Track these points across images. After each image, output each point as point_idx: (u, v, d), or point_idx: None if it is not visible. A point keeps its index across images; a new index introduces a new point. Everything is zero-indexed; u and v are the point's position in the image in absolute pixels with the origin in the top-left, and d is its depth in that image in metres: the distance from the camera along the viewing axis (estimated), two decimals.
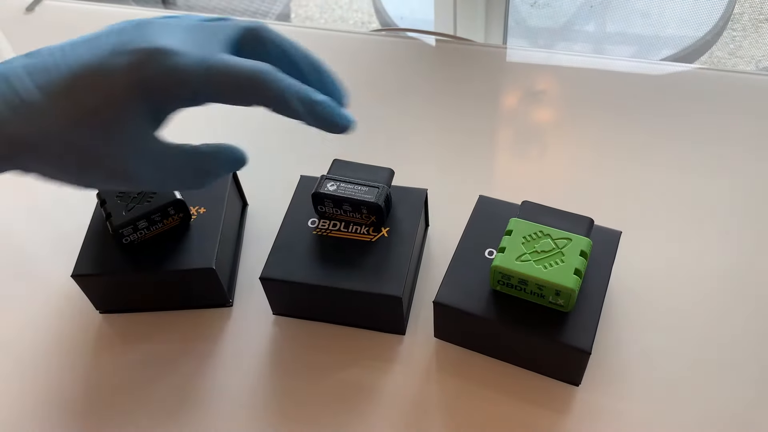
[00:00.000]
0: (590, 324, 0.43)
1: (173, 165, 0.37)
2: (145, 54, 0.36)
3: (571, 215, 0.46)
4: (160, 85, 0.35)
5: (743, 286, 0.50)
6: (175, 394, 0.48)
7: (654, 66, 0.70)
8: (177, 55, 0.36)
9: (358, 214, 0.48)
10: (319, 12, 2.28)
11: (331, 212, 0.49)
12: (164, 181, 0.37)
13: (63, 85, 0.35)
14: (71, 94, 0.35)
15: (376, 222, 0.49)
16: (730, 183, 0.57)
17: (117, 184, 0.36)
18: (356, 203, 0.48)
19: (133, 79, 0.35)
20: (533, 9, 1.35)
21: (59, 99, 0.35)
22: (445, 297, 0.45)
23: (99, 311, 0.53)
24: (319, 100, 0.38)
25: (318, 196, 0.48)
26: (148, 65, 0.35)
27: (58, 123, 0.34)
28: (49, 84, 0.35)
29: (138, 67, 0.35)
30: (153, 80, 0.35)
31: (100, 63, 0.35)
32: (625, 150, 0.61)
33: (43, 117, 0.34)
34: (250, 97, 0.36)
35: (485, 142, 0.64)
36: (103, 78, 0.35)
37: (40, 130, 0.34)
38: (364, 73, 0.72)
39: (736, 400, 0.44)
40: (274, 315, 0.51)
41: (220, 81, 0.36)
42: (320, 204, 0.49)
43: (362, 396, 0.47)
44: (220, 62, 0.36)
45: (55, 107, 0.34)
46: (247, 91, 0.36)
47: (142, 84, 0.35)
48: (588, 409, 0.45)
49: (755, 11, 2.09)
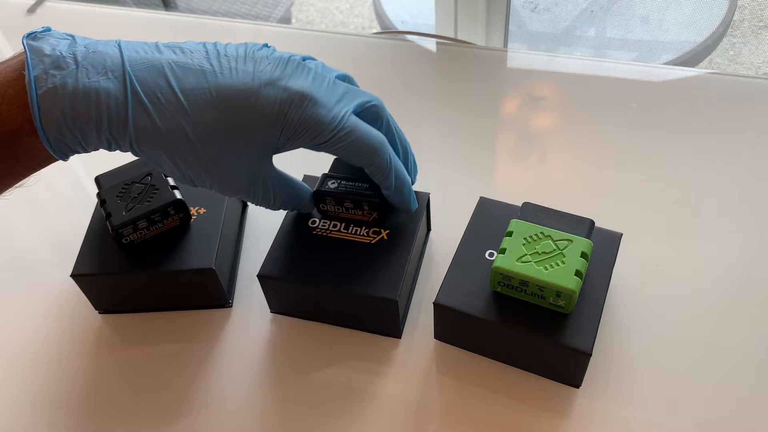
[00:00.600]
0: (591, 326, 0.43)
1: (278, 190, 0.44)
2: (297, 96, 0.40)
3: (571, 217, 0.46)
4: (298, 127, 0.40)
5: (745, 288, 0.50)
6: (174, 395, 0.47)
7: (656, 70, 0.70)
8: (321, 106, 0.41)
9: (359, 211, 0.48)
10: (320, 17, 2.28)
11: (333, 210, 0.49)
12: (264, 199, 0.44)
13: (209, 100, 0.38)
14: (217, 109, 0.38)
15: (378, 219, 0.49)
16: (732, 185, 0.57)
17: (224, 190, 0.41)
18: (358, 200, 0.47)
19: (279, 116, 0.40)
20: (534, 14, 1.35)
21: (202, 108, 0.38)
22: (445, 298, 0.45)
23: (98, 311, 0.53)
24: (407, 183, 0.46)
25: (320, 193, 0.48)
26: (295, 108, 0.40)
27: (193, 126, 0.38)
28: (194, 93, 0.38)
29: (287, 106, 0.40)
30: (294, 122, 0.40)
31: (253, 91, 0.39)
32: (626, 152, 0.61)
33: (180, 115, 0.37)
34: (363, 159, 0.43)
35: (486, 144, 0.64)
36: (253, 106, 0.39)
37: (172, 126, 0.37)
38: (365, 75, 0.72)
39: (738, 402, 0.44)
40: (272, 314, 0.51)
41: (347, 140, 0.41)
42: (322, 202, 0.49)
43: (360, 397, 0.46)
44: (353, 123, 0.42)
45: (194, 113, 0.38)
46: (365, 154, 0.42)
47: (284, 122, 0.40)
48: (588, 411, 0.44)
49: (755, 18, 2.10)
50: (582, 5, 1.36)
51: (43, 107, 0.35)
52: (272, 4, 1.61)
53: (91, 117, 0.36)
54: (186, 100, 0.38)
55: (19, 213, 0.61)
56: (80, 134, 0.36)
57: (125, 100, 0.36)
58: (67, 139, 0.36)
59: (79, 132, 0.36)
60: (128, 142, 0.37)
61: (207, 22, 0.84)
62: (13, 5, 0.85)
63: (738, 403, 0.44)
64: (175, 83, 0.38)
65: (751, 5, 2.13)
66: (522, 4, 1.36)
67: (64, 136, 0.36)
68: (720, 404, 0.44)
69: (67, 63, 0.36)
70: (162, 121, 0.37)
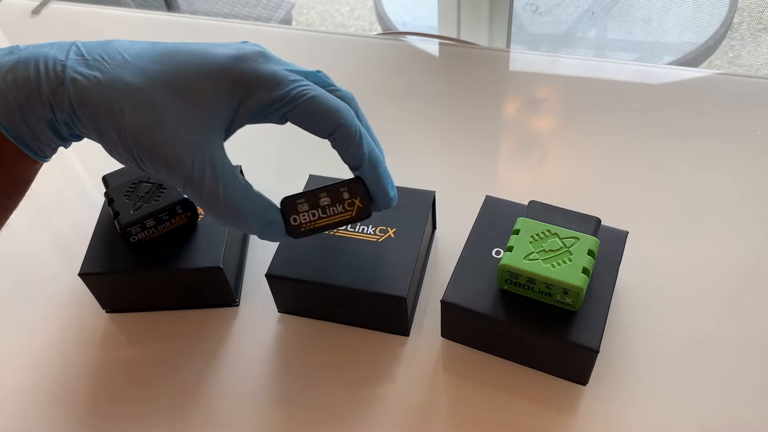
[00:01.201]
0: (598, 323, 0.43)
1: (230, 185, 0.37)
2: (250, 51, 0.38)
3: (578, 215, 0.46)
4: (251, 81, 0.37)
5: (752, 286, 0.50)
6: (181, 394, 0.48)
7: (657, 70, 0.70)
8: (276, 63, 0.38)
9: (339, 205, 0.41)
10: (320, 20, 2.29)
11: (309, 219, 0.41)
12: (211, 192, 0.36)
13: (155, 56, 0.36)
14: (162, 63, 0.36)
15: (363, 208, 0.41)
16: (735, 184, 0.57)
17: (166, 168, 0.35)
18: (334, 189, 0.41)
19: (230, 68, 0.36)
20: (535, 16, 1.36)
21: (147, 63, 0.36)
22: (452, 296, 0.45)
23: (105, 310, 0.53)
24: (382, 160, 0.41)
25: (288, 199, 0.41)
26: (248, 61, 0.37)
27: (135, 77, 0.35)
28: (140, 52, 0.36)
29: (240, 60, 0.37)
30: (247, 75, 0.37)
31: (203, 49, 0.37)
32: (629, 152, 0.61)
33: (122, 68, 0.35)
34: (327, 122, 0.38)
35: (491, 144, 0.64)
36: (203, 60, 0.36)
37: (112, 78, 0.35)
38: (368, 76, 0.72)
39: (744, 401, 0.44)
40: (279, 313, 0.51)
41: (308, 95, 0.37)
42: (293, 212, 0.41)
43: (368, 396, 0.46)
44: (313, 84, 0.38)
45: (137, 67, 0.35)
46: (330, 114, 0.38)
47: (236, 75, 0.36)
48: (595, 409, 0.45)
49: (754, 20, 2.11)
50: (583, 7, 1.36)
51: None
52: (273, 6, 1.62)
53: (30, 78, 0.34)
54: (130, 56, 0.36)
55: (25, 214, 0.61)
56: (25, 101, 0.34)
57: (65, 58, 0.35)
58: (16, 115, 0.34)
59: (24, 98, 0.34)
60: (67, 100, 0.34)
61: (208, 23, 0.84)
62: (17, 7, 0.85)
63: (745, 401, 0.44)
64: (122, 48, 0.36)
65: (750, 7, 2.14)
66: (523, 6, 1.36)
67: (12, 109, 0.34)
68: (725, 401, 0.44)
69: (18, 48, 0.35)
70: (102, 74, 0.34)
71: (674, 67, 0.72)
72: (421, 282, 0.52)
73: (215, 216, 0.37)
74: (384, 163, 0.41)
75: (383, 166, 0.41)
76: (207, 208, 0.37)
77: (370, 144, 0.40)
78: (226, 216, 0.37)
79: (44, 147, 0.36)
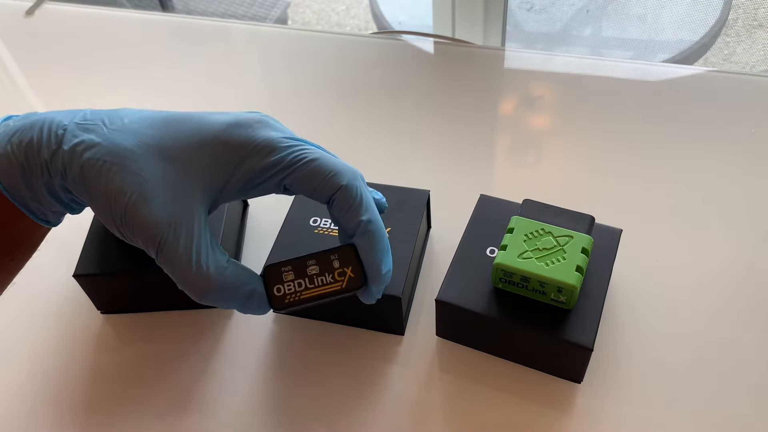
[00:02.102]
0: (592, 321, 0.43)
1: (203, 246, 0.35)
2: (248, 119, 0.36)
3: (572, 213, 0.46)
4: (245, 147, 0.35)
5: (745, 283, 0.50)
6: (176, 395, 0.48)
7: (652, 68, 0.70)
8: (274, 130, 0.36)
9: (329, 274, 0.37)
10: (316, 18, 2.29)
11: (294, 289, 0.37)
12: (183, 248, 0.34)
13: (152, 122, 0.36)
14: (157, 128, 0.35)
15: (354, 278, 0.38)
16: (729, 181, 0.57)
17: (142, 226, 0.34)
18: (323, 256, 0.38)
19: (223, 134, 0.35)
20: (530, 14, 1.36)
21: (143, 128, 0.35)
22: (447, 295, 0.45)
23: (100, 311, 0.53)
24: (384, 232, 0.37)
25: (272, 267, 0.38)
26: (243, 127, 0.36)
27: (130, 140, 0.35)
28: (139, 119, 0.36)
29: (233, 126, 0.36)
30: (241, 140, 0.35)
31: (200, 116, 0.36)
32: (624, 149, 0.61)
33: (119, 131, 0.35)
34: (328, 183, 0.36)
35: (485, 142, 0.64)
36: (196, 126, 0.36)
37: (108, 139, 0.34)
38: (363, 75, 0.72)
39: (738, 398, 0.45)
40: (273, 313, 0.51)
41: (308, 157, 0.36)
42: (277, 281, 0.37)
43: (364, 395, 0.47)
44: (316, 150, 0.37)
45: (133, 130, 0.35)
46: (331, 175, 0.35)
47: (229, 140, 0.35)
48: (589, 406, 0.45)
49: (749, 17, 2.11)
50: (578, 5, 1.36)
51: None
52: (269, 5, 1.61)
53: (33, 141, 0.34)
54: (130, 121, 0.36)
55: None
56: (26, 163, 0.34)
57: (68, 123, 0.35)
58: (18, 176, 0.34)
59: (25, 160, 0.34)
60: (61, 162, 0.34)
61: (204, 23, 0.84)
62: (11, 7, 0.85)
63: (739, 399, 0.45)
64: (125, 114, 0.36)
65: (746, 4, 2.14)
66: (518, 4, 1.36)
67: (14, 170, 0.34)
68: (720, 399, 0.45)
69: (34, 114, 0.36)
70: (98, 137, 0.34)
71: (669, 65, 0.72)
72: (416, 281, 0.52)
73: (188, 290, 0.35)
74: (385, 239, 0.37)
75: (383, 240, 0.37)
76: (179, 280, 0.34)
77: (373, 213, 0.37)
78: (198, 287, 0.34)
79: (46, 211, 0.36)
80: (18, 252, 0.38)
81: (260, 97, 0.72)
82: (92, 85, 0.74)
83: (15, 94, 0.76)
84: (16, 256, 0.38)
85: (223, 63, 0.77)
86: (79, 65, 0.77)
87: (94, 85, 0.74)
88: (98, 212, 0.35)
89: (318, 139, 0.40)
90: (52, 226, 0.37)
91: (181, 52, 0.79)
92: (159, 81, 0.74)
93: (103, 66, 0.77)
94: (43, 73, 0.77)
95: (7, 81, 0.77)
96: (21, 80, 0.77)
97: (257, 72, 0.75)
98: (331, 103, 0.70)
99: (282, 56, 0.77)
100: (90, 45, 0.80)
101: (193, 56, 0.78)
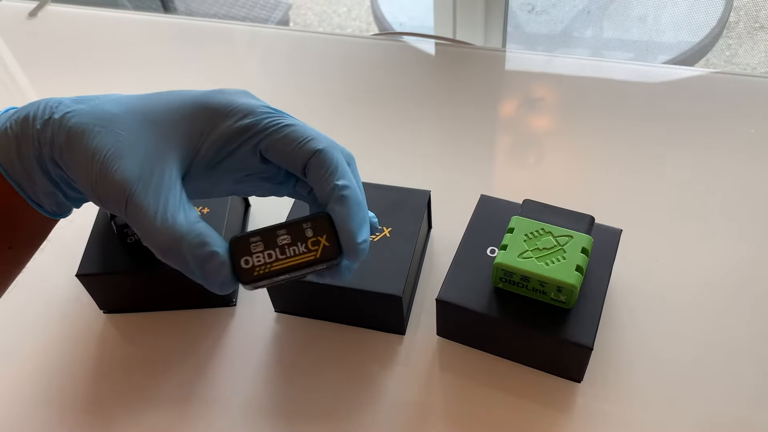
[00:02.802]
0: (592, 320, 0.43)
1: (171, 199, 0.34)
2: (232, 89, 0.37)
3: (572, 213, 0.46)
4: (222, 109, 0.36)
5: (745, 283, 0.51)
6: (179, 393, 0.48)
7: (653, 69, 0.71)
8: (252, 98, 0.37)
9: (301, 244, 0.34)
10: (318, 20, 2.29)
11: (264, 260, 0.34)
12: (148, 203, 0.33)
13: (140, 96, 0.37)
14: (142, 98, 0.37)
15: (330, 247, 0.34)
16: (730, 182, 0.58)
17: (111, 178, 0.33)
18: (295, 224, 0.35)
19: (202, 97, 0.36)
20: (531, 15, 1.36)
21: (130, 99, 0.36)
22: (447, 294, 0.45)
23: (103, 311, 0.53)
24: (359, 199, 0.35)
25: (240, 238, 0.34)
26: (222, 93, 0.37)
27: (116, 107, 0.36)
28: (134, 95, 0.37)
29: (213, 92, 0.37)
30: (218, 103, 0.36)
31: (188, 90, 0.37)
32: (624, 150, 0.61)
33: (107, 101, 0.36)
34: (303, 148, 0.35)
35: (486, 143, 0.64)
36: (177, 93, 0.37)
37: (95, 106, 0.36)
38: (365, 76, 0.73)
39: (737, 398, 0.45)
40: (275, 312, 0.52)
41: (284, 121, 0.36)
42: (246, 253, 0.34)
43: (365, 394, 0.47)
44: (293, 118, 0.37)
45: (120, 101, 0.36)
46: (306, 140, 0.35)
47: (208, 102, 0.36)
48: (589, 405, 0.45)
49: (750, 19, 2.11)
50: (579, 6, 1.37)
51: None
52: (270, 7, 1.62)
53: (29, 115, 0.35)
54: (120, 96, 0.37)
55: None
56: (21, 135, 0.35)
57: (64, 99, 0.36)
58: (12, 151, 0.35)
59: (20, 132, 0.35)
60: (50, 130, 0.34)
61: (205, 24, 0.84)
62: (14, 9, 0.86)
63: (738, 398, 0.45)
64: (120, 94, 0.37)
65: (747, 6, 2.14)
66: (519, 6, 1.37)
67: (10, 144, 0.35)
68: (719, 398, 0.45)
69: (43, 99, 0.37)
70: (86, 106, 0.36)
71: (669, 66, 0.73)
72: (416, 281, 0.52)
73: (152, 245, 0.33)
74: (363, 208, 0.35)
75: (361, 207, 0.35)
76: (143, 234, 0.33)
77: (350, 180, 0.35)
78: (161, 240, 0.33)
79: (38, 191, 0.36)
80: (15, 239, 0.38)
81: (261, 98, 0.72)
82: (94, 86, 0.74)
83: (17, 95, 0.76)
84: (13, 244, 0.38)
85: (225, 65, 0.77)
86: (81, 66, 0.78)
87: (96, 86, 0.74)
88: (79, 178, 0.35)
89: None
90: (47, 215, 0.37)
91: (182, 54, 0.79)
92: (160, 82, 0.75)
93: (105, 67, 0.77)
94: (46, 74, 0.78)
95: (9, 82, 0.77)
96: (23, 81, 0.78)
97: (259, 73, 0.76)
98: (333, 104, 0.70)
99: (283, 58, 0.77)
100: (92, 46, 0.80)
101: (195, 58, 0.78)
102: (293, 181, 0.39)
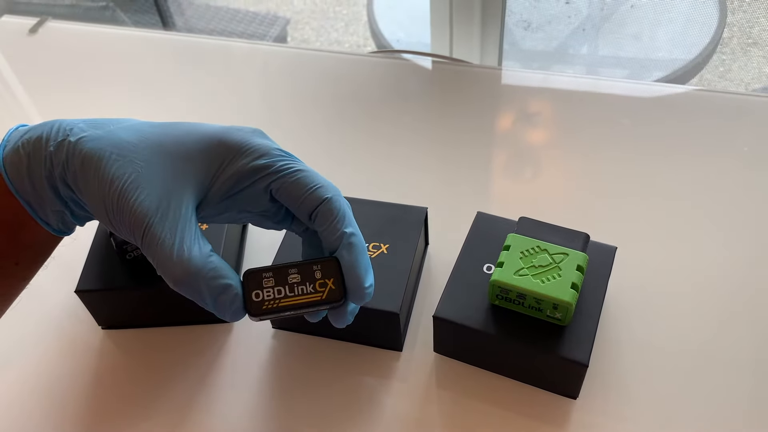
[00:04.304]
0: (587, 337, 0.44)
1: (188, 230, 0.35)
2: (247, 127, 0.38)
3: (567, 231, 0.47)
4: (237, 147, 0.37)
5: (741, 299, 0.51)
6: (176, 410, 0.48)
7: (647, 87, 0.71)
8: (269, 140, 0.38)
9: (310, 284, 0.36)
10: (315, 35, 2.30)
11: (273, 296, 0.36)
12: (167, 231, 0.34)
13: (154, 125, 0.38)
14: (156, 127, 0.37)
15: (335, 290, 0.36)
16: (725, 199, 0.58)
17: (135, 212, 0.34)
18: (305, 265, 0.37)
19: (218, 134, 0.37)
20: (527, 32, 1.37)
21: (145, 127, 0.37)
22: (444, 311, 0.46)
23: (101, 327, 0.53)
24: (363, 246, 0.37)
25: (252, 272, 0.37)
26: (238, 131, 0.37)
27: (130, 136, 0.36)
28: (149, 123, 0.38)
29: (230, 130, 0.37)
30: (234, 141, 0.37)
31: (198, 123, 0.38)
32: (620, 167, 0.62)
33: (122, 129, 0.37)
34: (313, 195, 0.37)
35: (482, 160, 0.65)
36: (193, 127, 0.38)
37: (111, 133, 0.36)
38: (361, 94, 0.73)
39: (733, 414, 0.45)
40: (273, 329, 0.52)
41: (296, 166, 0.37)
42: (256, 287, 0.36)
43: (361, 411, 0.47)
44: (304, 164, 0.38)
45: (134, 129, 0.37)
46: (316, 187, 0.37)
47: (224, 140, 0.37)
48: (585, 422, 0.45)
49: (744, 35, 2.13)
50: (574, 24, 1.38)
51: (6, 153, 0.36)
52: (268, 23, 1.63)
53: (42, 136, 0.35)
54: (136, 123, 0.38)
55: None
56: (33, 154, 0.35)
57: (78, 121, 0.37)
58: (23, 169, 0.35)
59: (33, 151, 0.35)
60: (64, 152, 0.35)
61: (204, 41, 0.85)
62: (15, 25, 0.86)
63: (734, 416, 0.45)
64: (134, 120, 0.38)
65: (740, 23, 2.16)
66: (515, 23, 1.38)
67: (21, 162, 0.35)
68: (715, 416, 0.45)
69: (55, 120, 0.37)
70: (102, 131, 0.36)
71: (663, 84, 0.73)
72: (413, 297, 0.53)
73: (167, 275, 0.35)
74: (367, 255, 0.38)
75: (364, 254, 0.37)
76: (158, 264, 0.34)
77: (354, 228, 0.37)
78: (175, 272, 0.34)
79: (46, 209, 0.37)
80: (22, 256, 0.38)
81: (259, 114, 0.73)
82: (94, 103, 0.75)
83: (18, 111, 0.76)
84: (20, 260, 0.38)
85: (223, 81, 0.78)
86: (81, 83, 0.78)
87: (96, 103, 0.75)
88: (92, 202, 0.36)
89: (316, 156, 0.40)
90: (53, 232, 0.38)
91: (181, 70, 0.80)
92: (159, 98, 0.75)
93: (105, 83, 0.78)
94: (46, 90, 0.78)
95: (9, 98, 0.78)
96: (24, 97, 0.78)
97: (256, 90, 0.76)
98: (330, 120, 0.71)
99: (281, 74, 0.78)
100: (92, 63, 0.81)
101: (193, 74, 0.79)
102: (290, 219, 0.41)
